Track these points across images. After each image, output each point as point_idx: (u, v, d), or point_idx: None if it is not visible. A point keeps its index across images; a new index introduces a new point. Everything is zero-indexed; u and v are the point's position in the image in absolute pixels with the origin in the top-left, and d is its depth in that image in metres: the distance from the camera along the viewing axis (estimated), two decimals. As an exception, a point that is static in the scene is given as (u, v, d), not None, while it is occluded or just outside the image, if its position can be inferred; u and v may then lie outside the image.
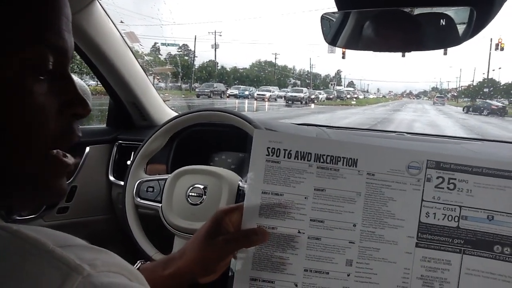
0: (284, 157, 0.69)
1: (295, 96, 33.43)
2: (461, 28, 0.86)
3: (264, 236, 0.68)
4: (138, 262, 0.84)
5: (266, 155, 0.69)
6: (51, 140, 0.46)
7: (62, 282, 0.35)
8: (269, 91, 37.67)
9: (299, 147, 0.69)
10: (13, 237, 0.38)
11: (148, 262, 0.75)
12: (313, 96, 37.36)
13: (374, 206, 0.68)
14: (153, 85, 1.90)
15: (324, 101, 40.64)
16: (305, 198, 0.69)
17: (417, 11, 0.91)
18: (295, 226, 0.68)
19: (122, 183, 1.41)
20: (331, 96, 44.94)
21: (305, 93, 35.89)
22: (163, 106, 1.95)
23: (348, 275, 0.67)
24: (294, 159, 0.69)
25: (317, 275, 0.68)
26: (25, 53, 0.42)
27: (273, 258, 0.68)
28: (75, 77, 0.50)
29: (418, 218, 0.67)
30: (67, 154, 0.49)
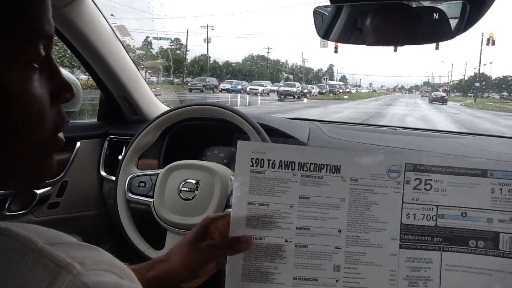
0: (268, 167, 0.70)
1: (288, 90, 33.47)
2: (453, 22, 0.86)
3: (248, 244, 0.69)
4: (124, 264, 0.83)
5: (251, 166, 0.70)
6: (49, 128, 0.45)
7: (51, 281, 0.34)
8: (262, 85, 37.68)
9: (282, 157, 0.70)
10: (1, 235, 0.37)
11: (133, 265, 0.74)
12: (305, 91, 37.41)
13: (358, 211, 0.69)
14: (144, 79, 1.88)
15: (316, 95, 40.73)
16: (291, 206, 0.70)
17: (410, 5, 0.91)
18: (282, 235, 0.69)
19: (113, 178, 1.40)
20: (323, 91, 45.07)
21: (298, 87, 35.94)
22: (155, 101, 1.94)
23: (337, 281, 0.68)
24: (278, 168, 0.70)
25: (306, 283, 0.68)
26: (26, 46, 0.42)
27: (262, 269, 0.69)
28: (65, 71, 0.50)
29: (400, 219, 0.69)
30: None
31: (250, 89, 35.24)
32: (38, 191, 1.49)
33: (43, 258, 0.35)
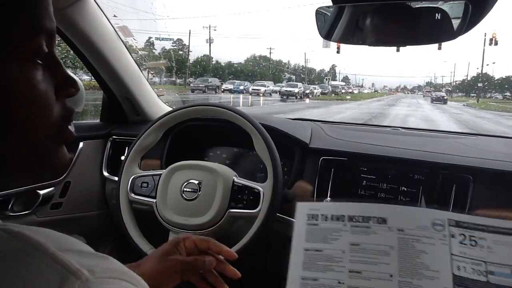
0: (322, 220, 0.81)
1: (290, 91, 33.46)
2: (455, 23, 0.86)
3: (202, 264, 0.84)
4: None
5: (307, 219, 0.82)
6: (56, 121, 0.47)
7: (60, 286, 0.34)
8: (264, 85, 37.66)
9: (334, 212, 0.80)
10: (14, 238, 0.38)
11: None
12: (308, 91, 37.41)
13: (408, 258, 0.72)
14: (147, 80, 1.88)
15: (319, 96, 40.72)
16: (343, 252, 0.77)
17: (412, 5, 0.91)
18: (335, 277, 0.75)
19: (116, 178, 1.40)
20: (325, 91, 45.04)
21: (300, 88, 35.93)
22: (157, 101, 1.94)
23: None
24: (331, 220, 0.80)
25: None
26: (28, 45, 0.43)
27: None
28: (69, 72, 0.51)
29: (451, 270, 0.70)
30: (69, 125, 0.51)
31: (253, 89, 35.25)
32: (41, 192, 1.49)
33: (55, 263, 0.36)
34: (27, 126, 0.43)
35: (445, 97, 42.67)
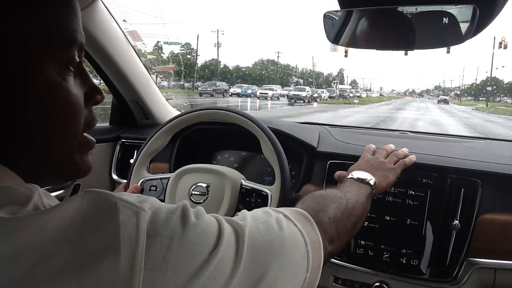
0: None
1: (298, 94, 33.46)
2: (463, 27, 0.86)
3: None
4: None
5: None
6: (83, 128, 0.56)
7: (137, 218, 0.45)
8: (272, 89, 37.70)
9: None
10: (88, 193, 0.47)
11: None
12: (315, 95, 37.38)
13: None
14: (155, 84, 1.90)
15: (326, 99, 40.67)
16: None
17: (420, 9, 0.91)
18: None
19: (125, 181, 1.41)
20: (333, 95, 44.98)
21: (308, 91, 35.92)
22: (166, 105, 1.96)
23: None
24: None
25: None
26: (65, 54, 0.52)
27: None
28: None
29: None
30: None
31: (260, 93, 35.28)
32: (52, 194, 1.51)
33: (124, 202, 0.46)
34: (62, 127, 0.52)
35: (447, 99, 57.29)
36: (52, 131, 0.51)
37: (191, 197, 1.25)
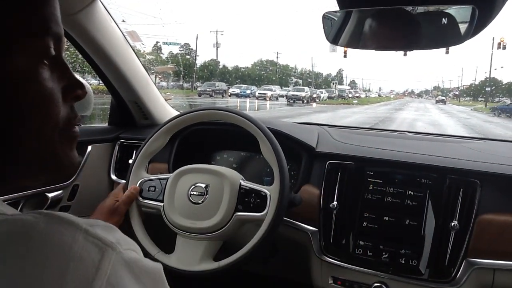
0: None
1: (297, 95, 33.44)
2: (462, 27, 0.86)
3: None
4: None
5: None
6: (60, 124, 0.50)
7: (101, 257, 0.39)
8: (271, 90, 37.71)
9: None
10: (49, 218, 0.40)
11: None
12: (314, 95, 37.38)
13: None
14: (155, 84, 1.90)
15: (325, 100, 40.67)
16: None
17: (419, 9, 0.91)
18: None
19: (124, 182, 1.41)
20: (332, 95, 44.96)
21: (307, 92, 35.91)
22: (165, 105, 1.96)
23: None
24: None
25: None
26: (34, 43, 0.47)
27: None
28: (77, 76, 0.54)
29: None
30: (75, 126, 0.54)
31: (259, 93, 35.27)
32: (50, 195, 1.50)
33: (90, 236, 0.40)
34: (35, 122, 0.47)
35: (444, 99, 61.62)
36: (24, 127, 0.46)
37: (190, 198, 1.25)
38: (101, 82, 1.77)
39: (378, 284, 1.28)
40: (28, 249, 0.37)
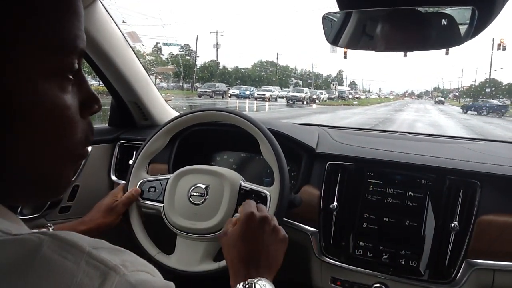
0: None
1: (297, 96, 33.45)
2: (462, 28, 0.86)
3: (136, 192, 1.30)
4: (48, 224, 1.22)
5: None
6: (79, 138, 0.50)
7: (102, 280, 0.38)
8: (270, 91, 37.74)
9: None
10: (53, 240, 0.40)
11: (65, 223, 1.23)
12: (314, 96, 37.40)
13: None
14: (155, 85, 1.90)
15: (325, 101, 40.70)
16: None
17: (419, 10, 0.91)
18: None
19: (124, 182, 1.41)
20: (332, 96, 44.99)
21: (307, 93, 35.92)
22: (165, 106, 1.96)
23: None
24: None
25: None
26: (62, 60, 0.47)
27: None
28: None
29: None
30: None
31: (258, 94, 35.30)
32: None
33: (93, 260, 0.39)
34: (53, 139, 0.46)
35: (443, 100, 65.67)
36: (41, 144, 0.46)
37: (190, 198, 1.25)
38: (101, 82, 1.77)
39: (378, 285, 1.28)
40: (29, 274, 0.37)
